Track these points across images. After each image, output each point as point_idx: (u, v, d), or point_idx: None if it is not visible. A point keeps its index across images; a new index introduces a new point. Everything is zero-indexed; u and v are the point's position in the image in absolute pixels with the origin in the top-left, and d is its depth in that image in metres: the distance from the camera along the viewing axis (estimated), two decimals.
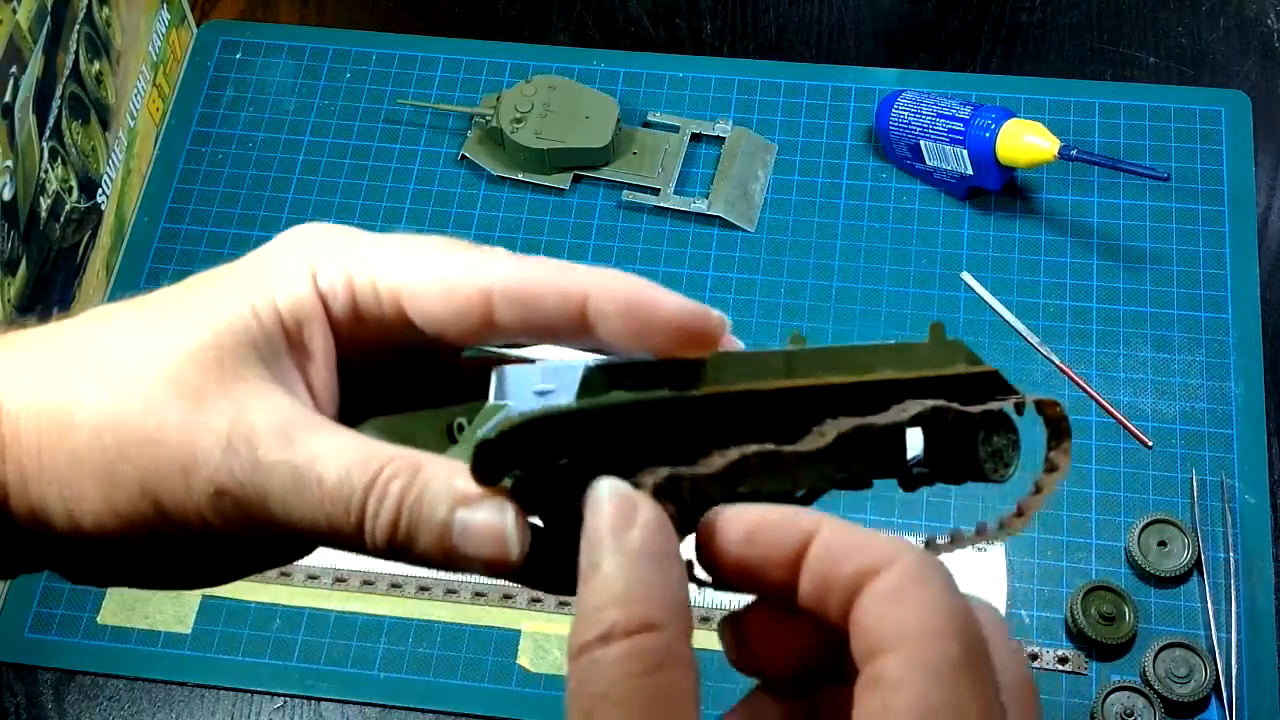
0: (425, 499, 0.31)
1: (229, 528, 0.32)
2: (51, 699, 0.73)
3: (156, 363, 0.32)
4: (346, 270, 0.34)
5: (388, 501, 0.31)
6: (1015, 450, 0.36)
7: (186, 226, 0.86)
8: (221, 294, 0.33)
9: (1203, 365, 0.78)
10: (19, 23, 0.71)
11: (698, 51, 0.92)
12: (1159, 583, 0.72)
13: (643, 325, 0.33)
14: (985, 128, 0.79)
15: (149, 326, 0.33)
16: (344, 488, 0.31)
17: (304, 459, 0.31)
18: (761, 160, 0.86)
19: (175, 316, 0.33)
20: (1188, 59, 0.89)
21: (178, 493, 0.31)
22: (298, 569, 0.74)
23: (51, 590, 0.75)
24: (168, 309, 0.33)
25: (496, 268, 0.33)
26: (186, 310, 0.33)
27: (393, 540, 0.31)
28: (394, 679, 0.72)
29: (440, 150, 0.88)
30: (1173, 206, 0.83)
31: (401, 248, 0.34)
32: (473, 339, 0.34)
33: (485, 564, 0.31)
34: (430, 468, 0.31)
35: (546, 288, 0.33)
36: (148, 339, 0.33)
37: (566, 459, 0.31)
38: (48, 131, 0.75)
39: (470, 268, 0.33)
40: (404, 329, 0.34)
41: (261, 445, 0.31)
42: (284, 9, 0.96)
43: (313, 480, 0.31)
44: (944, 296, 0.80)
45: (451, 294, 0.33)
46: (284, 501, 0.31)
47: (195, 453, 0.31)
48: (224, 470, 0.31)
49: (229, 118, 0.91)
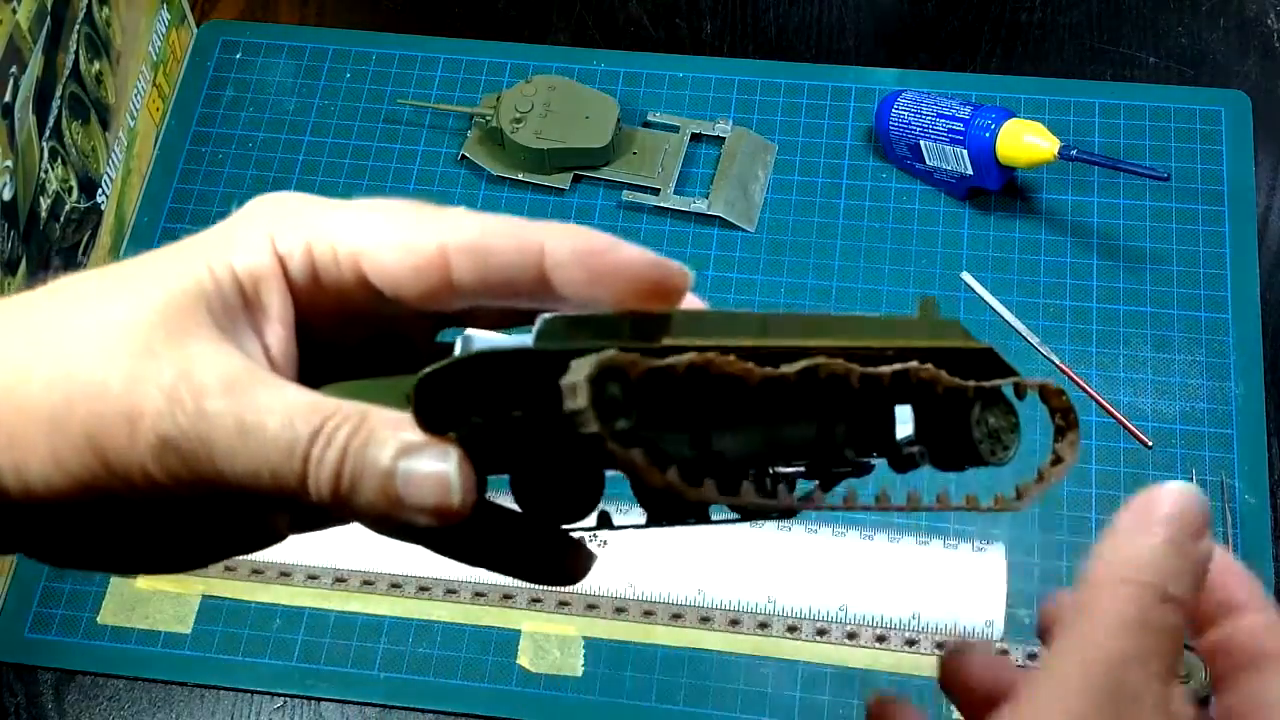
0: (370, 445, 0.31)
1: (175, 485, 0.31)
2: (51, 699, 0.73)
3: (110, 320, 0.32)
4: (305, 233, 0.34)
5: (332, 449, 0.31)
6: (1014, 432, 0.34)
7: (186, 226, 0.86)
8: (179, 258, 0.33)
9: (1203, 365, 0.78)
10: (19, 23, 0.71)
11: (698, 51, 0.92)
12: None
13: (600, 274, 0.32)
14: (985, 128, 0.79)
15: (106, 289, 0.33)
16: (288, 434, 0.31)
17: (250, 409, 0.31)
18: (761, 160, 0.86)
19: (132, 280, 0.33)
20: (1188, 59, 0.89)
21: (121, 442, 0.31)
22: (298, 569, 0.74)
23: (51, 590, 0.75)
24: (127, 274, 0.34)
25: (454, 223, 0.33)
26: (143, 273, 0.33)
27: (336, 490, 0.31)
28: (394, 679, 0.72)
29: (440, 150, 0.88)
30: (1173, 206, 0.83)
31: (360, 210, 0.34)
32: (433, 302, 0.34)
33: (430, 512, 0.31)
34: (377, 415, 0.31)
35: (503, 239, 0.33)
36: (104, 300, 0.33)
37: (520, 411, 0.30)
38: (48, 131, 0.75)
39: (427, 225, 0.33)
40: (366, 295, 0.34)
41: (207, 395, 0.31)
42: (284, 9, 0.96)
43: (257, 428, 0.31)
44: (944, 296, 0.80)
45: (408, 251, 0.33)
46: (229, 452, 0.31)
47: (141, 401, 0.31)
48: (168, 418, 0.31)
49: (229, 118, 0.91)
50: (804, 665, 0.71)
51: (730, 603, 0.72)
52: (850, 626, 0.71)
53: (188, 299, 0.32)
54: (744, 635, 0.71)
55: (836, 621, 0.71)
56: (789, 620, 0.71)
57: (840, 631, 0.71)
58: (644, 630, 0.71)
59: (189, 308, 0.32)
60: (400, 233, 0.33)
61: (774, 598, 0.71)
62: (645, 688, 0.70)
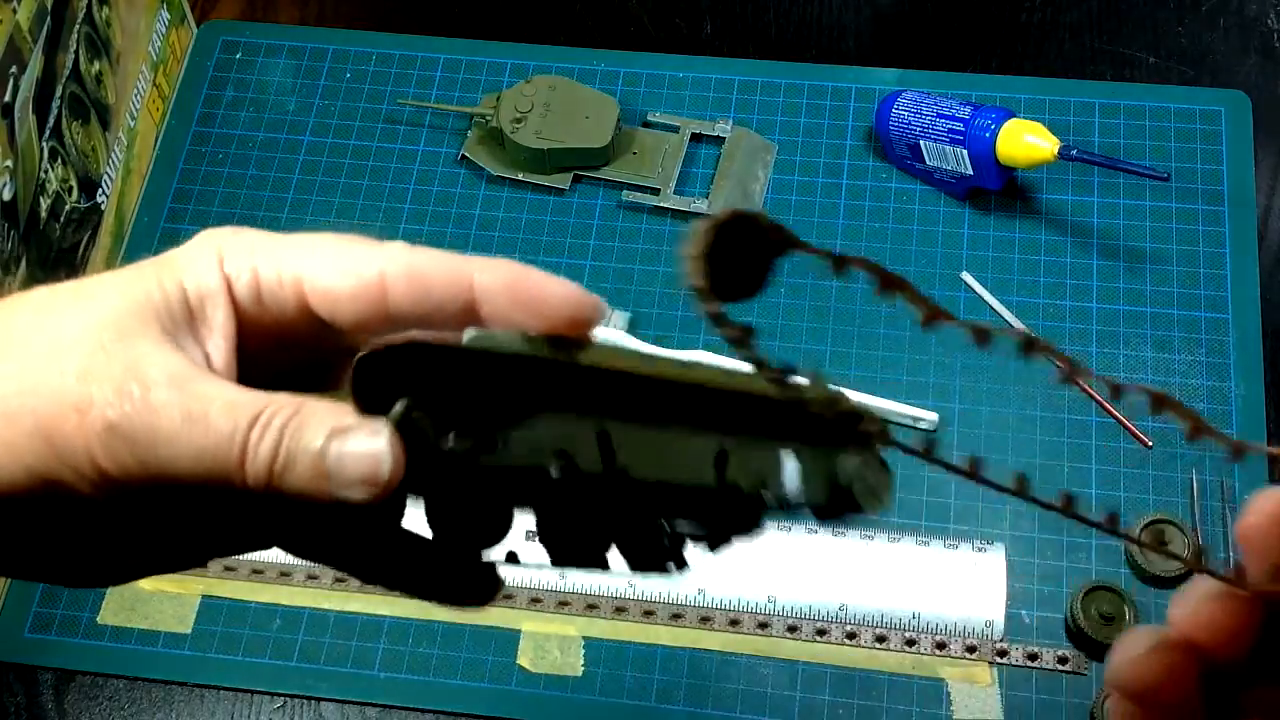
0: (304, 429, 0.33)
1: (123, 474, 0.33)
2: (51, 699, 0.73)
3: (66, 324, 0.35)
4: (253, 258, 0.36)
5: (268, 436, 0.33)
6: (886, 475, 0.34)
7: (186, 226, 0.86)
8: (133, 275, 0.36)
9: (1203, 365, 0.78)
10: (19, 23, 0.71)
11: (698, 51, 0.92)
12: (1159, 583, 0.72)
13: (525, 303, 0.35)
14: (985, 128, 0.79)
15: (62, 300, 0.36)
16: (228, 423, 0.33)
17: (194, 400, 0.33)
18: (761, 160, 0.86)
19: (88, 291, 0.36)
20: (1188, 59, 0.89)
21: (70, 429, 0.33)
22: (298, 569, 0.74)
23: (51, 590, 0.75)
24: (83, 288, 0.36)
25: (391, 254, 0.36)
26: (99, 288, 0.36)
27: (270, 473, 0.33)
28: (394, 679, 0.72)
29: (440, 150, 0.88)
30: (1173, 206, 0.83)
31: (305, 241, 0.37)
32: (367, 328, 0.36)
33: (360, 484, 0.33)
34: (311, 404, 0.34)
35: (437, 268, 0.36)
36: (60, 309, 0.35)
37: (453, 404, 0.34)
38: (48, 131, 0.75)
39: (367, 255, 0.36)
40: (304, 321, 0.37)
41: (154, 387, 0.33)
42: (284, 9, 0.96)
43: (200, 417, 0.33)
44: (944, 296, 0.80)
45: (347, 277, 0.36)
46: (172, 438, 0.33)
47: (90, 392, 0.33)
48: (115, 407, 0.33)
49: (229, 118, 0.91)
50: (804, 665, 0.71)
51: (730, 603, 0.72)
52: (850, 626, 0.71)
53: (138, 308, 0.35)
54: (744, 635, 0.71)
55: (836, 621, 0.71)
56: (789, 620, 0.71)
57: (840, 631, 0.71)
58: (644, 630, 0.72)
59: (139, 314, 0.35)
60: (342, 259, 0.36)
61: (774, 598, 0.71)
62: (645, 688, 0.70)
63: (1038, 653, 0.70)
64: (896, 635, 0.71)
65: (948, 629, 0.70)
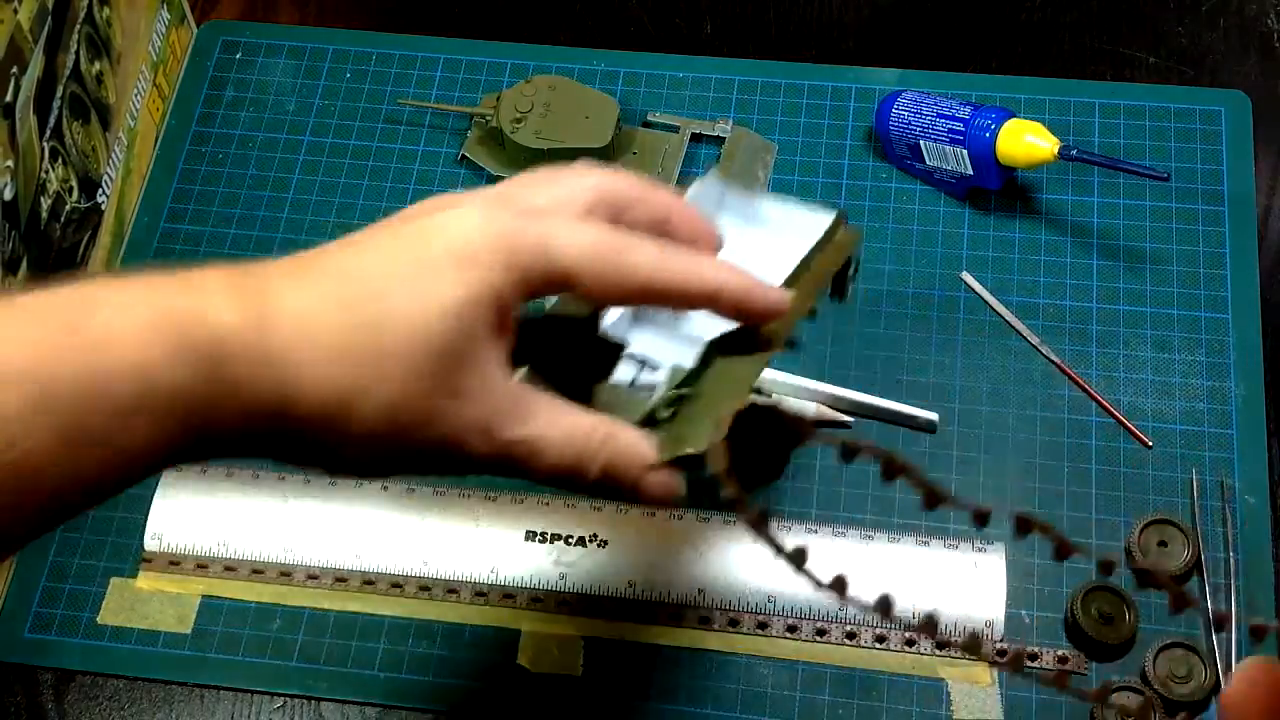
0: (621, 467, 0.47)
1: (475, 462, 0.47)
2: (51, 699, 0.73)
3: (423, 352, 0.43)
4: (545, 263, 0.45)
5: (594, 466, 0.47)
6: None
7: (186, 226, 0.87)
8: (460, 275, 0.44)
9: (1203, 365, 0.78)
10: (19, 23, 0.71)
11: (698, 51, 0.92)
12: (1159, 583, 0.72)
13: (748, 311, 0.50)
14: (985, 128, 0.79)
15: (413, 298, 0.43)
16: (564, 459, 0.46)
17: (535, 437, 0.46)
18: (761, 160, 0.86)
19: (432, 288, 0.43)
20: (1188, 59, 0.89)
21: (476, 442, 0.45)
22: (298, 569, 0.74)
23: (51, 590, 0.75)
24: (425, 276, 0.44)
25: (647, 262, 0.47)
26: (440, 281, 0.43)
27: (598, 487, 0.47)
28: (394, 679, 0.72)
29: (440, 150, 0.88)
30: (1173, 206, 0.83)
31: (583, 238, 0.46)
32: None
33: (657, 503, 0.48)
34: (622, 437, 0.47)
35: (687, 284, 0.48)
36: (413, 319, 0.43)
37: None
38: (48, 131, 0.75)
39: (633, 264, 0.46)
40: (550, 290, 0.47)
41: (506, 431, 0.45)
42: (284, 9, 0.96)
43: (540, 453, 0.46)
44: (944, 296, 0.80)
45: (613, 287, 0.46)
46: (522, 461, 0.46)
47: (461, 440, 0.44)
48: (482, 449, 0.45)
49: (229, 118, 0.91)
50: (803, 665, 0.71)
51: (730, 603, 0.72)
52: (850, 626, 0.71)
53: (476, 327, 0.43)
54: (744, 635, 0.71)
55: (836, 621, 0.71)
56: (789, 620, 0.71)
57: (840, 631, 0.71)
58: (644, 630, 0.72)
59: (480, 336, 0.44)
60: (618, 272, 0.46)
61: (774, 598, 0.71)
62: (645, 688, 0.70)
63: (1037, 652, 0.70)
64: (896, 635, 0.71)
65: (948, 629, 0.70)
